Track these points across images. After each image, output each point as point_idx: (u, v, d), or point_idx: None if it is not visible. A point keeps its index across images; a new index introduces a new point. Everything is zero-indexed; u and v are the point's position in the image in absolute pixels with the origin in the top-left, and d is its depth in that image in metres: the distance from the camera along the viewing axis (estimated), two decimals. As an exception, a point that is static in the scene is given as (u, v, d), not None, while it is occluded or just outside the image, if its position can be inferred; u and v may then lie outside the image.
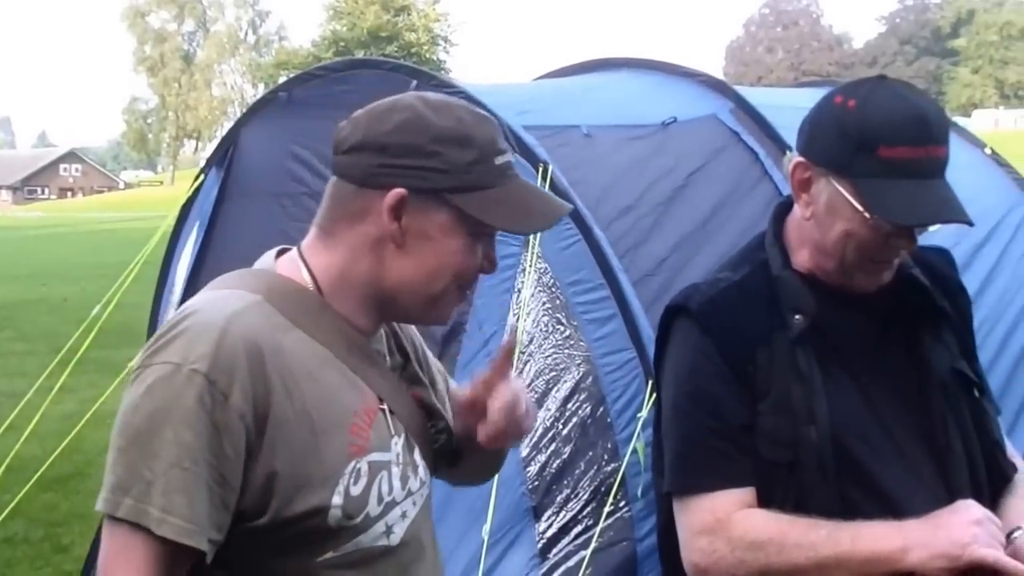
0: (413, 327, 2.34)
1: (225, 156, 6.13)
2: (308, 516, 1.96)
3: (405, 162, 2.01)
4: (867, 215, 2.28)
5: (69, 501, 8.43)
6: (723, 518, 2.30)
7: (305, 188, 5.62)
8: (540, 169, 4.66)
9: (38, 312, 18.51)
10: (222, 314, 1.94)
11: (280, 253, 2.17)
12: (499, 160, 2.04)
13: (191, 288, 6.00)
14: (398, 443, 2.12)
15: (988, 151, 7.10)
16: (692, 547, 2.33)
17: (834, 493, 2.30)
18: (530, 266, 4.55)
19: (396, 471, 2.09)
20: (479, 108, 2.10)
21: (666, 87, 6.13)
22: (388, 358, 2.18)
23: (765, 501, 2.32)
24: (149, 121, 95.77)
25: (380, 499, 2.05)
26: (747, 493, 2.32)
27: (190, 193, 6.36)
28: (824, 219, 2.36)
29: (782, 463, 2.32)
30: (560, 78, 6.74)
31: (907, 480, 2.35)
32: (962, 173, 6.68)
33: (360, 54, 54.80)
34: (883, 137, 2.28)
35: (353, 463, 2.00)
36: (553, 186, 4.66)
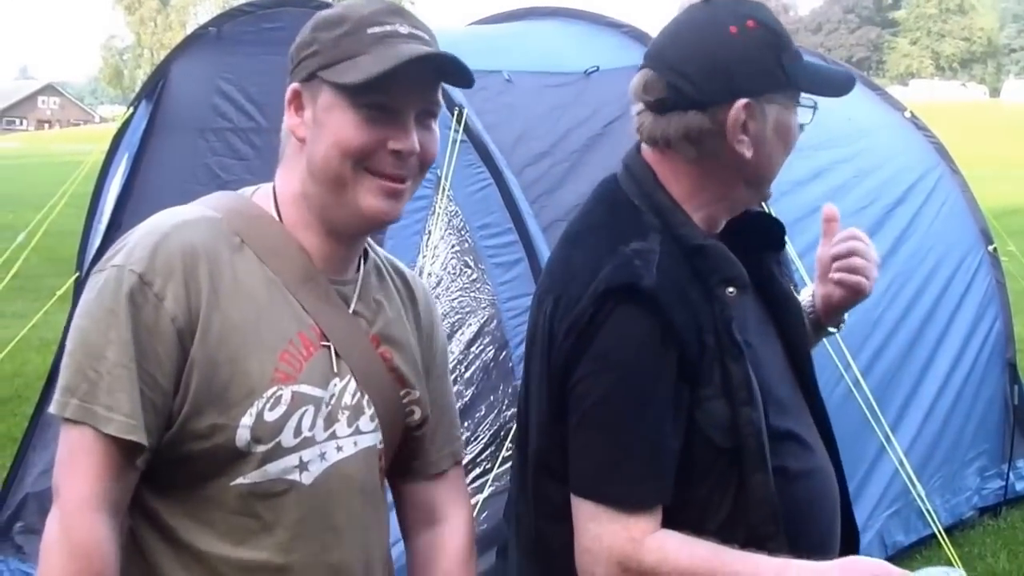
0: (433, 311, 2.22)
1: (155, 90, 5.95)
2: (214, 432, 1.85)
3: (299, 58, 1.94)
4: (798, 117, 2.14)
5: (5, 423, 8.22)
6: (638, 538, 2.01)
7: (229, 123, 5.49)
8: (455, 112, 4.45)
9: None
10: (170, 222, 1.89)
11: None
12: (374, 30, 1.90)
13: (116, 218, 5.83)
14: (338, 385, 1.96)
15: (908, 114, 6.93)
16: (601, 563, 2.04)
17: (769, 472, 2.06)
18: (440, 208, 4.35)
19: (324, 410, 1.94)
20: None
21: (592, 37, 5.99)
22: (354, 304, 2.01)
23: (707, 492, 2.07)
24: (125, 58, 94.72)
25: (298, 432, 1.91)
26: (660, 512, 2.04)
27: (120, 125, 6.17)
28: (770, 148, 2.13)
29: (726, 450, 2.04)
30: (490, 25, 6.56)
31: (805, 420, 2.20)
32: (882, 133, 6.66)
33: None
34: (785, 42, 2.13)
35: (275, 388, 1.88)
36: (468, 129, 4.48)
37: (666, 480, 2.02)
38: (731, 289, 2.08)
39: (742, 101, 2.07)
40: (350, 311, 2.00)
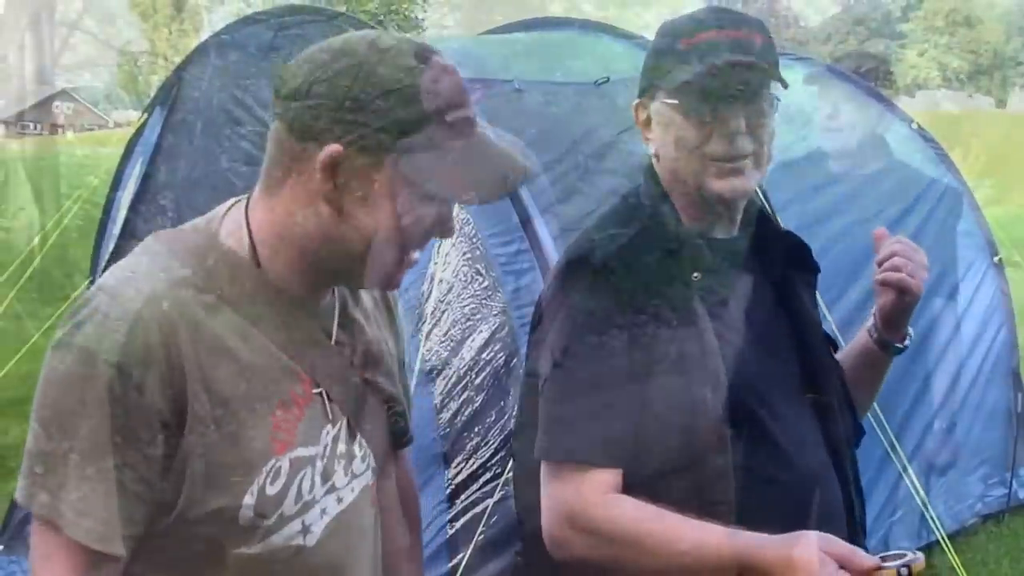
0: (393, 298, 2.12)
1: (169, 96, 6.00)
2: (216, 515, 1.73)
3: (343, 115, 1.70)
4: (674, 101, 2.16)
5: (20, 425, 8.21)
6: (589, 496, 2.06)
7: (243, 130, 5.52)
8: (466, 121, 4.45)
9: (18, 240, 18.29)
10: (141, 296, 1.69)
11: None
12: (453, 116, 1.73)
13: (131, 221, 5.89)
14: (330, 432, 1.85)
15: (915, 126, 6.92)
16: (554, 520, 2.10)
17: (729, 458, 2.11)
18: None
19: (320, 465, 1.83)
20: (436, 55, 1.77)
21: (602, 47, 5.97)
22: (335, 333, 1.89)
23: (660, 466, 2.11)
24: (140, 64, 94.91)
25: (299, 498, 1.80)
26: (617, 474, 2.09)
27: (134, 131, 6.19)
28: (665, 144, 2.21)
29: (681, 426, 2.10)
30: (502, 35, 6.56)
31: (800, 435, 2.22)
32: (888, 143, 6.66)
33: (342, 8, 54.49)
34: (680, 32, 2.19)
35: (273, 461, 1.76)
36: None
37: (618, 441, 2.09)
38: (696, 274, 2.18)
39: (634, 102, 2.27)
40: (332, 342, 1.89)
